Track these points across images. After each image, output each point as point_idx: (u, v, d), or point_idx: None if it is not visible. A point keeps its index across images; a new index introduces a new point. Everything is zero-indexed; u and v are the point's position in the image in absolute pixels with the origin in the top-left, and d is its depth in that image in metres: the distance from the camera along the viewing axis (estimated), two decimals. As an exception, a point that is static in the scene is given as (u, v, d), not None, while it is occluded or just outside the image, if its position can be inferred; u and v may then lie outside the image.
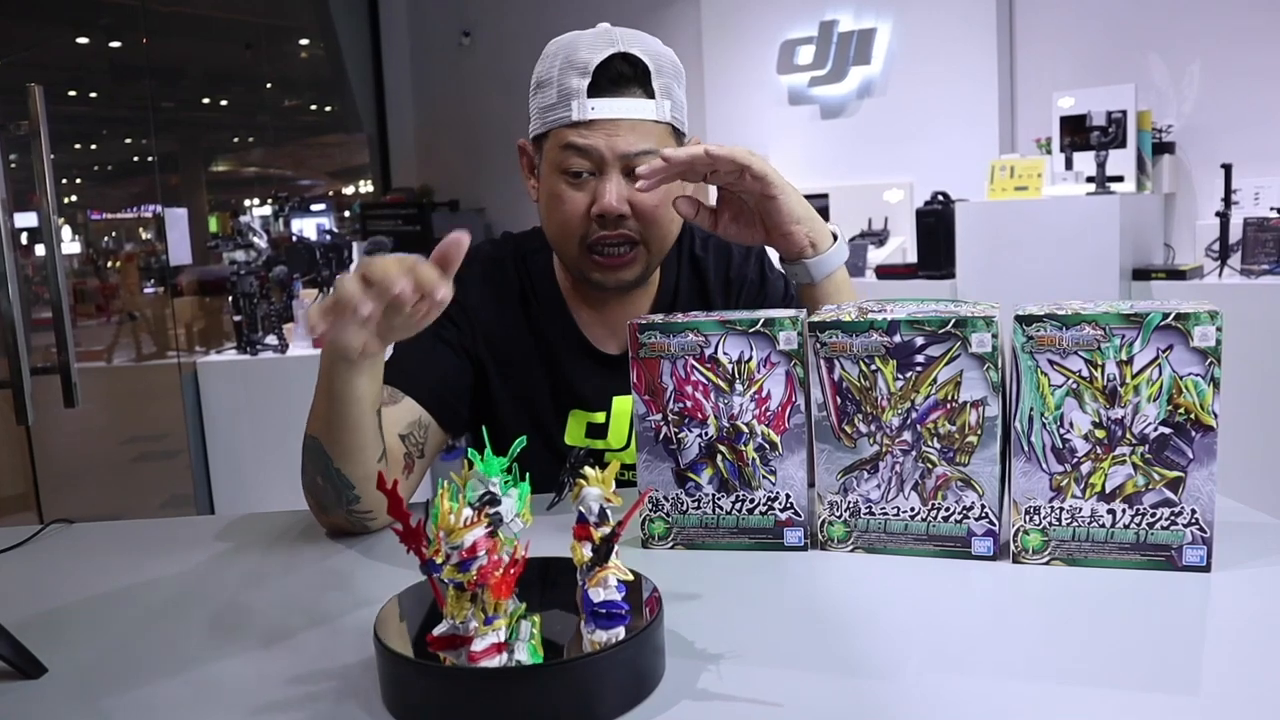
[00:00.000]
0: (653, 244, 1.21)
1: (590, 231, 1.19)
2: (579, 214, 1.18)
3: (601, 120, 1.15)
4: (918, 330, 0.90)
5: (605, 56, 1.15)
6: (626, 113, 1.15)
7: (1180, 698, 0.66)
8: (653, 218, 1.19)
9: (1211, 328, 0.83)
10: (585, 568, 0.71)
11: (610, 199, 1.15)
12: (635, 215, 1.18)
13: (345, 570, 1.00)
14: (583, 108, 1.14)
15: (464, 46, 7.12)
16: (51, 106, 2.01)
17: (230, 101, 8.10)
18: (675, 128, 1.21)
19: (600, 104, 1.14)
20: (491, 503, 0.68)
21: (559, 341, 1.29)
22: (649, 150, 1.15)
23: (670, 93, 1.19)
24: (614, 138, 1.15)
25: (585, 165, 1.16)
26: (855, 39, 4.91)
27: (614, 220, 1.17)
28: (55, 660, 0.78)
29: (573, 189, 1.18)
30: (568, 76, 1.16)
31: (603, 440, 1.28)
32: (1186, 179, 4.09)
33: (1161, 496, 0.86)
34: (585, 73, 1.15)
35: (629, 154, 1.15)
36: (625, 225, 1.18)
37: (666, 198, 1.18)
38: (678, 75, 1.22)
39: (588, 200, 1.17)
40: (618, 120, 1.15)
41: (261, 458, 3.40)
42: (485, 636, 0.65)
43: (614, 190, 1.16)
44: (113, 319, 4.58)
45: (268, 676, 0.76)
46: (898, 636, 0.77)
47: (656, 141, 1.17)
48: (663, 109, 1.18)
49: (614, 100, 1.15)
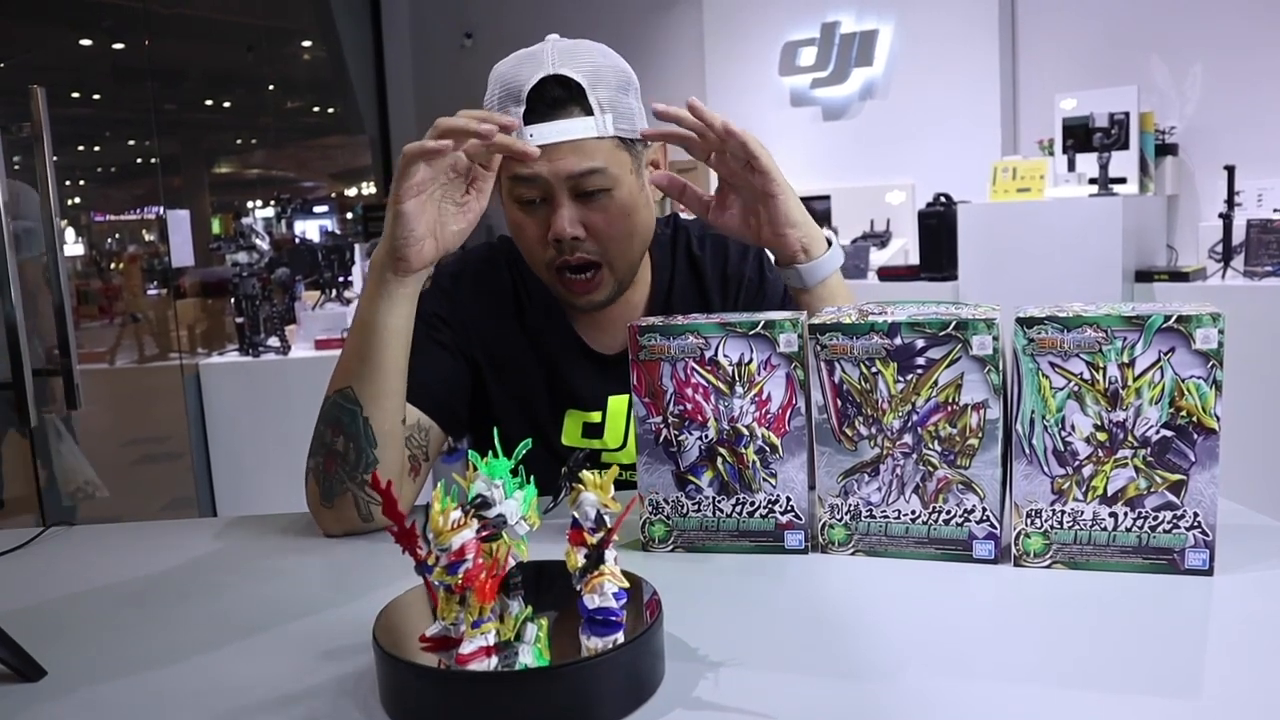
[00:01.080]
0: (615, 262, 1.20)
1: (552, 257, 1.18)
2: (538, 240, 1.18)
3: (542, 146, 1.12)
4: (918, 332, 0.90)
5: (537, 81, 1.13)
6: (565, 135, 1.13)
7: (1182, 702, 0.66)
8: (608, 236, 1.17)
9: (1214, 330, 0.82)
10: (578, 574, 0.71)
11: (561, 224, 1.14)
12: (591, 236, 1.17)
13: (345, 572, 1.00)
14: (521, 136, 1.12)
15: (466, 48, 7.13)
16: (54, 108, 2.01)
17: (232, 103, 8.10)
18: (623, 139, 1.17)
19: (538, 130, 1.12)
20: (483, 506, 0.67)
21: (554, 342, 1.29)
22: (595, 169, 1.14)
23: (614, 105, 1.16)
24: (556, 162, 1.13)
25: (534, 193, 1.16)
26: (857, 40, 4.91)
27: (569, 244, 1.16)
28: (55, 663, 0.78)
29: (528, 216, 1.18)
30: (505, 106, 1.14)
31: (599, 440, 1.28)
32: (1189, 181, 4.09)
33: (1163, 499, 0.86)
34: (520, 100, 1.13)
35: (574, 174, 1.13)
36: (582, 248, 1.17)
37: (623, 213, 1.17)
38: (624, 85, 1.18)
39: (543, 227, 1.17)
40: (558, 144, 1.13)
41: (263, 460, 3.40)
42: (473, 639, 0.65)
43: (564, 215, 1.15)
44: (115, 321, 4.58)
45: (268, 678, 0.76)
46: (898, 640, 0.77)
47: (603, 158, 1.14)
48: (603, 124, 1.15)
49: (552, 125, 1.12)
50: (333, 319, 3.87)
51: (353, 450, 1.06)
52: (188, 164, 7.40)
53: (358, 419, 1.07)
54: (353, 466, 1.07)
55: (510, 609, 0.69)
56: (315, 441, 1.11)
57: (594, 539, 0.71)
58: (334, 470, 1.08)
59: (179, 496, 3.66)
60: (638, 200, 1.19)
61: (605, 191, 1.15)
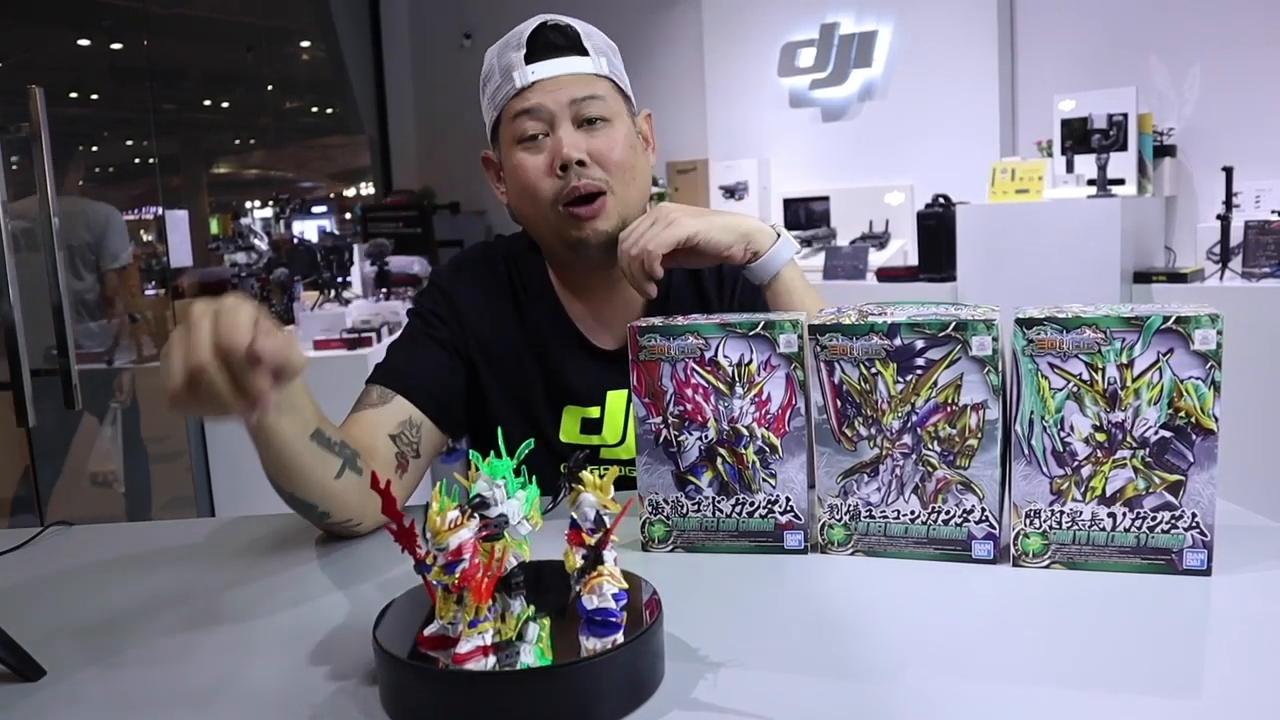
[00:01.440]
0: (619, 190, 1.21)
1: (558, 189, 1.19)
2: (543, 174, 1.19)
3: (543, 80, 1.18)
4: (918, 333, 0.90)
5: (535, 27, 1.20)
6: (565, 69, 1.19)
7: (1181, 702, 0.66)
8: (613, 163, 1.20)
9: (1212, 331, 0.82)
10: (577, 574, 0.71)
11: (567, 147, 1.17)
12: (595, 161, 1.19)
13: (345, 572, 1.00)
14: (523, 74, 1.18)
15: (465, 48, 7.12)
16: (52, 108, 2.01)
17: (231, 103, 8.09)
18: (618, 85, 1.24)
19: (539, 67, 1.19)
20: (481, 506, 0.68)
21: (552, 337, 1.29)
22: (594, 95, 1.19)
23: (604, 54, 1.23)
24: (558, 91, 1.18)
25: (538, 126, 1.19)
26: (856, 42, 4.91)
27: (576, 169, 1.18)
28: (54, 663, 0.78)
29: (531, 154, 1.20)
30: (505, 55, 1.21)
31: (598, 435, 1.28)
32: (1187, 182, 4.09)
33: (1162, 500, 0.86)
34: (520, 45, 1.20)
35: (577, 99, 1.18)
36: (588, 174, 1.19)
37: (624, 145, 1.21)
38: (611, 49, 1.26)
39: (548, 159, 1.19)
40: (558, 76, 1.19)
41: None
42: (470, 639, 0.65)
43: (569, 138, 1.18)
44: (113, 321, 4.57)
45: (267, 678, 0.76)
46: (898, 640, 0.77)
47: (601, 90, 1.20)
48: (599, 64, 1.21)
49: (551, 61, 1.19)
50: (331, 319, 3.86)
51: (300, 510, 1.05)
52: (186, 164, 7.39)
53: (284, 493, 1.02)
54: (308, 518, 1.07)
55: (512, 608, 0.69)
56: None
57: (592, 540, 0.71)
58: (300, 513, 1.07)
59: (178, 496, 3.66)
60: (635, 143, 1.24)
61: (605, 121, 1.20)
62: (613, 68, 1.24)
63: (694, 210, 1.17)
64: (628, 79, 1.28)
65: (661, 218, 1.14)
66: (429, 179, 7.62)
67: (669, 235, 1.12)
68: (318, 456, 1.00)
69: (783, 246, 1.19)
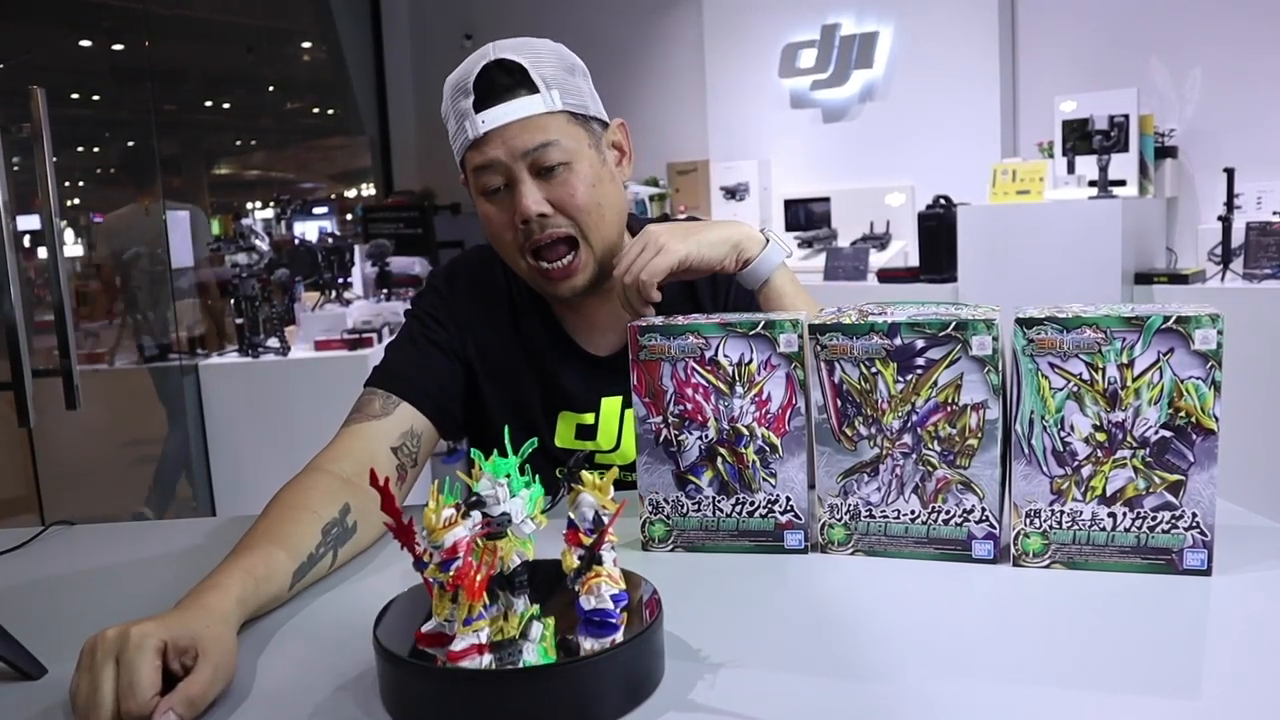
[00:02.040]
0: (590, 235, 1.20)
1: (524, 239, 1.18)
2: (507, 227, 1.19)
3: (494, 130, 1.15)
4: (918, 333, 0.90)
5: (479, 69, 1.16)
6: (513, 114, 1.15)
7: (1181, 701, 0.66)
8: (576, 207, 1.18)
9: (1213, 331, 0.82)
10: (573, 575, 0.71)
11: (525, 201, 1.15)
12: (559, 210, 1.18)
13: (346, 571, 1.00)
14: (474, 124, 1.15)
15: (466, 49, 7.11)
16: (53, 109, 2.01)
17: (232, 104, 8.09)
18: (574, 113, 1.19)
19: (488, 115, 1.15)
20: (477, 505, 0.68)
21: (546, 344, 1.30)
22: (550, 142, 1.15)
23: (560, 82, 1.18)
24: (509, 142, 1.15)
25: (497, 180, 1.17)
26: (857, 43, 4.91)
27: (538, 222, 1.17)
28: (55, 661, 0.78)
29: (495, 206, 1.19)
30: (458, 101, 1.18)
31: (592, 441, 1.28)
32: (1189, 183, 4.09)
33: (1162, 500, 0.86)
34: (467, 91, 1.16)
35: (529, 150, 1.15)
36: (552, 224, 1.18)
37: (587, 185, 1.18)
38: (568, 67, 1.20)
39: (509, 213, 1.18)
40: (508, 125, 1.15)
41: (262, 459, 3.40)
42: (465, 636, 0.65)
43: (528, 193, 1.16)
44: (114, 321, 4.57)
45: (267, 676, 0.76)
46: (898, 640, 0.77)
47: (556, 132, 1.16)
48: (550, 99, 1.17)
49: (499, 107, 1.15)
50: (332, 320, 3.87)
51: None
52: (187, 165, 7.39)
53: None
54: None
55: (515, 607, 0.69)
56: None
57: (589, 540, 0.71)
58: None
59: (178, 496, 3.66)
60: (601, 175, 1.20)
61: (564, 165, 1.17)
62: (567, 97, 1.18)
63: (680, 230, 1.16)
64: (591, 94, 1.23)
65: (651, 244, 1.13)
66: (430, 180, 7.62)
67: (661, 263, 1.11)
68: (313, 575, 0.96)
69: (772, 251, 1.18)
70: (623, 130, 1.27)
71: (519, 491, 0.70)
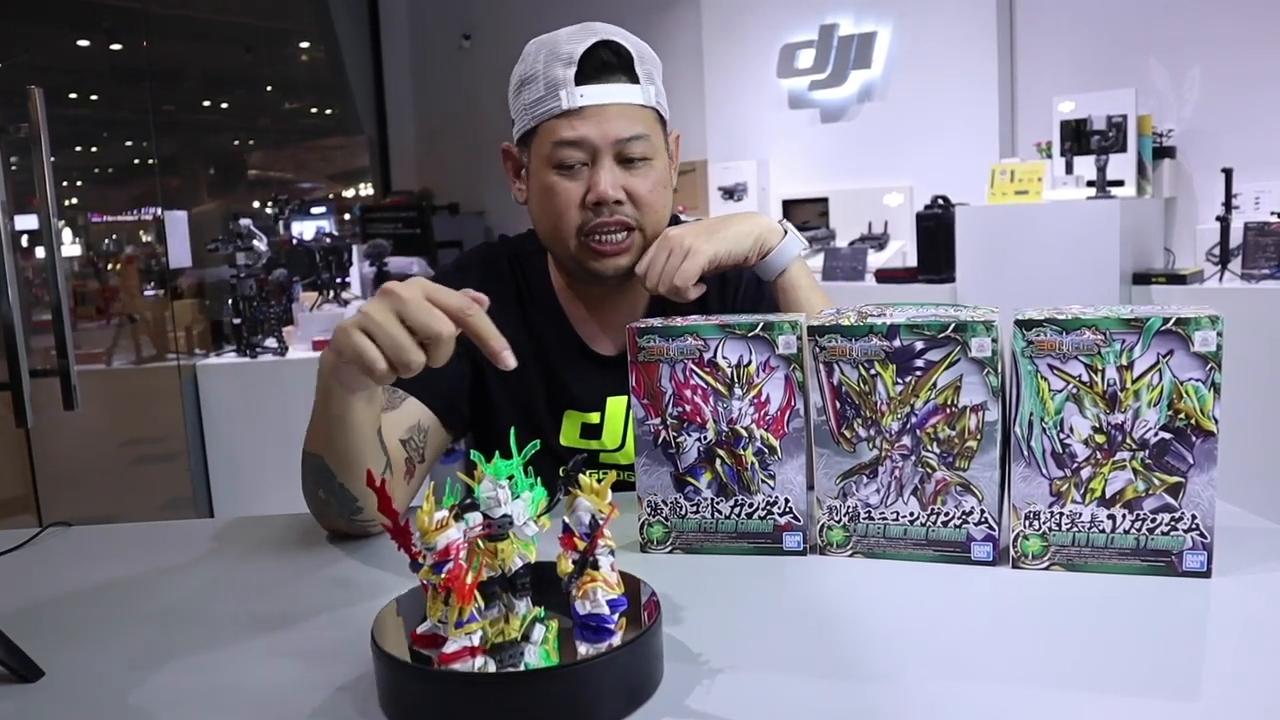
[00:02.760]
0: (648, 229, 1.21)
1: (586, 221, 1.19)
2: (574, 204, 1.19)
3: (591, 107, 1.15)
4: (917, 335, 0.90)
5: (589, 45, 1.16)
6: (615, 98, 1.16)
7: (1180, 704, 0.66)
8: (648, 203, 1.20)
9: (1212, 332, 0.82)
10: (567, 579, 0.71)
11: (606, 186, 1.16)
12: (631, 201, 1.19)
13: (344, 573, 1.00)
14: (571, 96, 1.15)
15: (464, 49, 7.13)
16: (52, 109, 2.01)
17: (231, 104, 8.09)
18: (659, 114, 1.23)
19: (589, 91, 1.15)
20: (470, 508, 0.67)
21: (553, 342, 1.29)
22: (641, 135, 1.17)
23: (653, 79, 1.21)
24: (605, 124, 1.16)
25: (579, 157, 1.17)
26: (855, 43, 4.91)
27: (610, 206, 1.17)
28: (52, 664, 0.78)
29: (566, 180, 1.19)
30: (553, 68, 1.16)
31: (597, 441, 1.28)
32: (1187, 183, 4.09)
33: (1162, 502, 0.86)
34: (571, 62, 1.15)
35: (622, 139, 1.16)
36: (621, 211, 1.19)
37: (659, 184, 1.21)
38: (657, 66, 1.24)
39: (582, 190, 1.18)
40: (607, 106, 1.16)
41: (261, 460, 3.40)
42: (457, 639, 0.65)
43: (609, 178, 1.17)
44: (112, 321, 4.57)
45: (266, 679, 0.76)
46: (897, 642, 0.77)
47: (645, 127, 1.18)
48: (648, 94, 1.19)
49: (602, 86, 1.16)
50: (330, 320, 3.86)
51: (335, 502, 1.05)
52: (186, 165, 7.39)
53: (333, 482, 1.03)
54: (338, 511, 1.06)
55: (516, 609, 0.69)
56: (302, 475, 1.08)
57: (583, 544, 0.71)
58: (323, 510, 1.08)
59: (176, 497, 3.65)
60: (667, 178, 1.23)
61: (646, 160, 1.19)
62: (659, 95, 1.22)
63: (703, 230, 1.17)
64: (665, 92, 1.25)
65: (677, 248, 1.14)
66: (428, 180, 7.62)
67: (692, 267, 1.13)
68: (375, 450, 1.03)
69: (790, 243, 1.20)
70: (677, 144, 1.30)
71: (522, 493, 0.69)
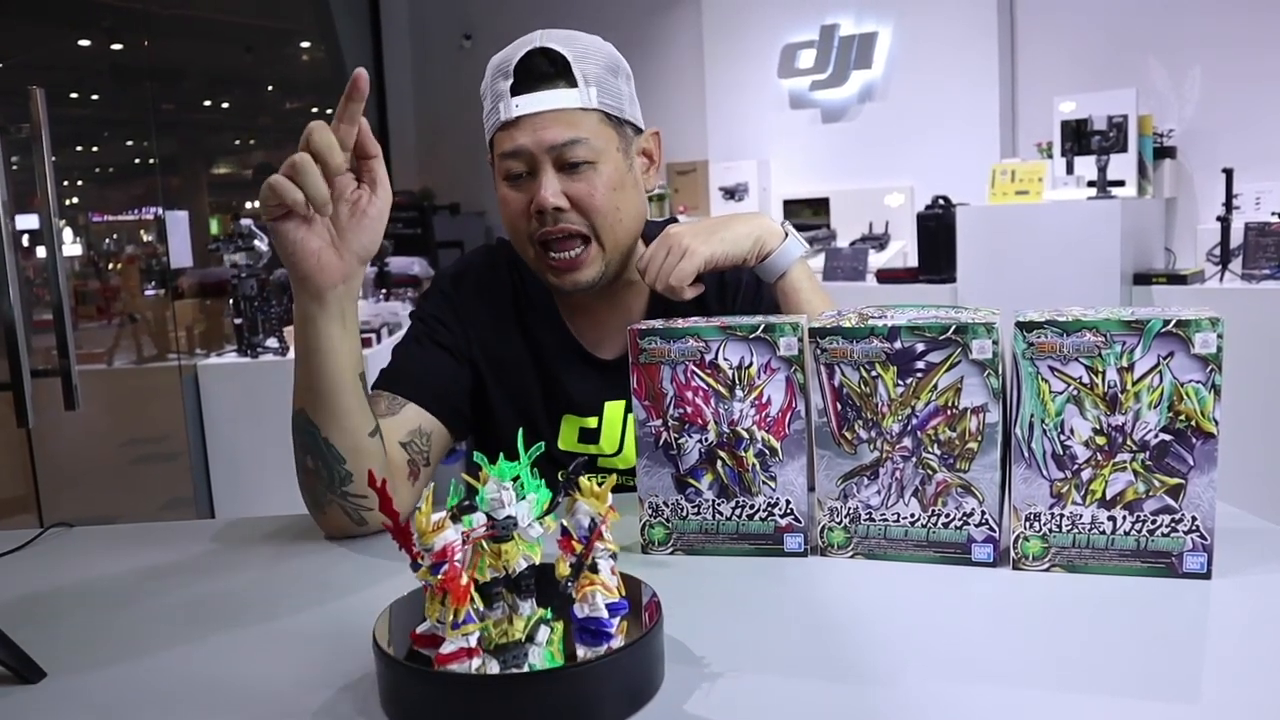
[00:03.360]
0: (604, 237, 1.20)
1: (535, 229, 1.19)
2: (521, 214, 1.19)
3: (526, 117, 1.16)
4: (918, 336, 0.90)
5: (523, 54, 1.17)
6: (548, 104, 1.16)
7: (1180, 705, 0.66)
8: (592, 207, 1.18)
9: (1213, 334, 0.82)
10: (564, 582, 0.71)
11: (544, 193, 1.16)
12: (575, 208, 1.18)
13: (344, 574, 1.00)
14: (508, 107, 1.16)
15: (465, 49, 7.13)
16: (53, 109, 2.01)
17: (231, 104, 8.09)
18: (609, 114, 1.20)
19: (523, 100, 1.16)
20: (467, 510, 0.67)
21: (551, 346, 1.30)
22: (578, 139, 1.16)
23: (600, 81, 1.18)
24: (540, 132, 1.16)
25: (520, 167, 1.18)
26: (856, 43, 4.91)
27: (552, 215, 1.17)
28: (53, 665, 0.78)
29: (514, 191, 1.20)
30: (496, 81, 1.19)
31: (595, 445, 1.28)
32: (1187, 183, 4.09)
33: (1162, 503, 0.86)
34: (507, 74, 1.17)
35: (556, 145, 1.16)
36: (566, 219, 1.18)
37: (607, 187, 1.19)
38: (612, 67, 1.21)
39: (527, 199, 1.18)
40: (541, 114, 1.16)
41: (262, 461, 3.40)
42: (454, 640, 0.65)
43: (547, 185, 1.16)
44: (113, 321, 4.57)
45: (267, 680, 0.76)
46: (898, 643, 0.77)
47: (587, 130, 1.17)
48: (588, 96, 1.17)
49: (534, 95, 1.16)
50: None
51: (323, 468, 1.04)
52: (186, 164, 7.39)
53: (318, 439, 1.04)
54: (328, 483, 1.05)
55: (521, 610, 0.69)
56: (294, 451, 1.09)
57: (581, 548, 0.71)
58: (313, 484, 1.07)
59: (177, 497, 3.65)
60: (624, 179, 1.21)
61: (589, 164, 1.17)
62: (605, 96, 1.19)
63: (703, 230, 1.16)
64: (631, 97, 1.24)
65: (675, 247, 1.14)
66: (429, 180, 7.62)
67: (688, 266, 1.13)
68: (358, 401, 1.04)
69: (791, 245, 1.20)
70: (656, 139, 1.28)
71: (528, 495, 0.69)
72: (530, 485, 0.69)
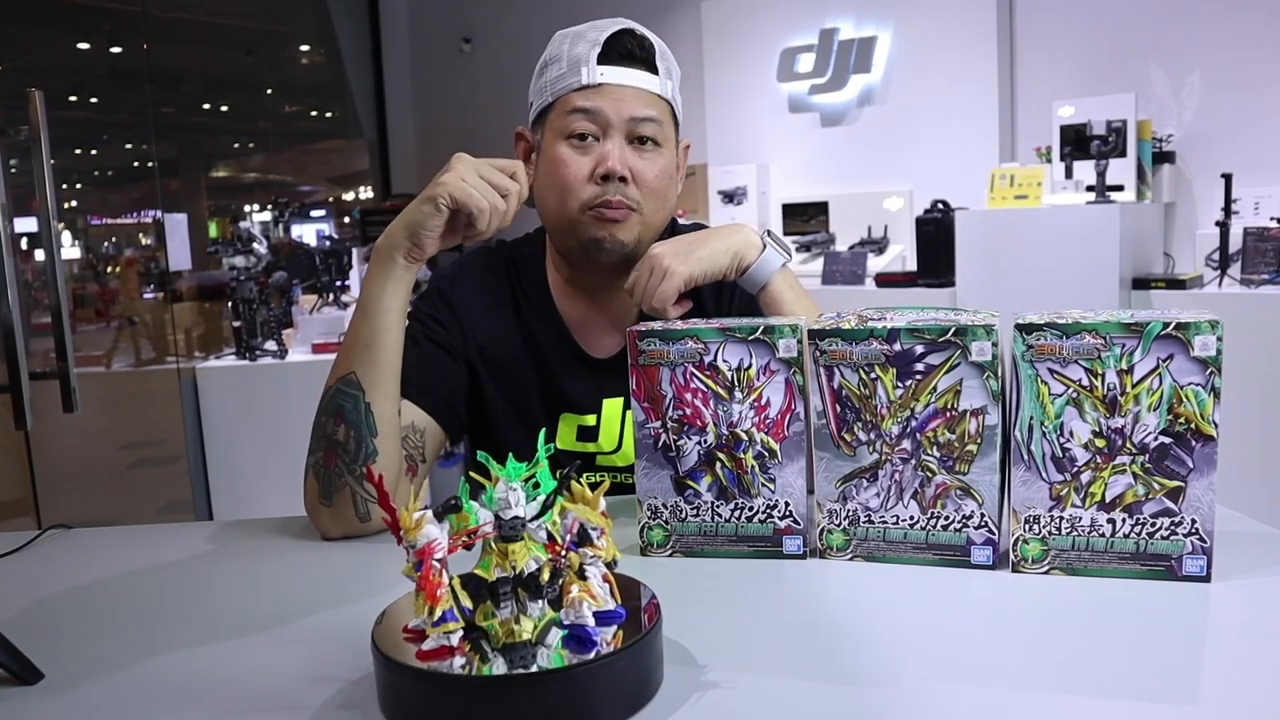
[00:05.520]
0: (648, 214, 1.22)
1: (593, 197, 1.20)
2: (582, 177, 1.20)
3: (609, 85, 1.19)
4: (918, 338, 0.90)
5: (615, 30, 1.20)
6: (634, 81, 1.20)
7: (1179, 708, 0.66)
8: (652, 188, 1.21)
9: (1212, 337, 0.82)
10: (545, 587, 0.70)
11: (614, 160, 1.18)
12: (636, 182, 1.20)
13: (343, 576, 1.00)
14: (592, 73, 1.19)
15: (464, 53, 7.13)
16: (52, 111, 2.01)
17: (230, 107, 8.10)
18: (674, 110, 1.25)
19: (609, 71, 1.19)
20: (453, 509, 0.67)
21: (549, 345, 1.30)
22: (653, 118, 1.20)
23: (672, 75, 1.24)
24: (620, 102, 1.19)
25: (591, 128, 1.19)
26: (856, 47, 4.91)
27: (616, 184, 1.19)
28: (51, 666, 0.78)
29: (577, 152, 1.20)
30: (577, 47, 1.20)
31: (594, 443, 1.28)
32: (1186, 188, 4.10)
33: (1161, 506, 0.86)
34: (595, 44, 1.19)
35: (635, 118, 1.19)
36: (625, 191, 1.20)
37: (665, 172, 1.23)
38: (676, 71, 1.27)
39: (591, 164, 1.19)
40: (624, 86, 1.19)
41: (260, 463, 3.40)
42: (435, 637, 0.65)
43: (618, 152, 1.19)
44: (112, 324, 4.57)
45: (265, 682, 0.76)
46: (897, 645, 0.77)
47: (660, 115, 1.21)
48: (666, 87, 1.23)
49: (622, 69, 1.20)
50: (330, 323, 3.86)
51: (353, 439, 1.07)
52: (185, 167, 7.40)
53: (360, 405, 1.08)
54: (352, 458, 1.07)
55: (530, 610, 0.68)
56: (315, 435, 1.12)
57: (568, 554, 0.70)
58: (334, 464, 1.08)
59: (175, 500, 3.66)
60: (673, 173, 1.26)
61: (656, 145, 1.21)
62: (675, 93, 1.25)
63: (681, 249, 1.17)
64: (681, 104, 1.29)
65: (656, 268, 1.15)
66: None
67: (669, 288, 1.15)
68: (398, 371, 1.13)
69: (770, 256, 1.20)
70: (685, 153, 1.32)
71: (534, 496, 0.69)
72: (546, 486, 0.69)
